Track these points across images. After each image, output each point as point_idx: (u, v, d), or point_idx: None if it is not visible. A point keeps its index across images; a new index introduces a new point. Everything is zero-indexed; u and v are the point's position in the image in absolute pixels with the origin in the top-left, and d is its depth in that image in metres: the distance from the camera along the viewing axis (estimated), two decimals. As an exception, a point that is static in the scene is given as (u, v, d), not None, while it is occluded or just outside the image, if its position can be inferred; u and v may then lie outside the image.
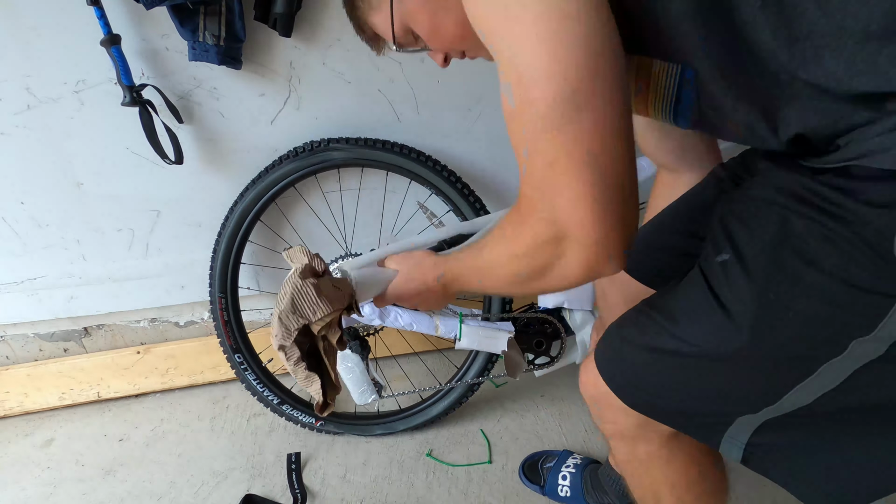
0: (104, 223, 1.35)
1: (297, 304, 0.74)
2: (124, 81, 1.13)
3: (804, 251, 0.50)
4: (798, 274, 0.50)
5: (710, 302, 0.57)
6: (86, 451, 1.38)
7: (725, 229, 0.58)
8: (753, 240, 0.54)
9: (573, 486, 1.18)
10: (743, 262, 0.55)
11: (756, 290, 0.53)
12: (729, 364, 0.58)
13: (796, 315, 0.51)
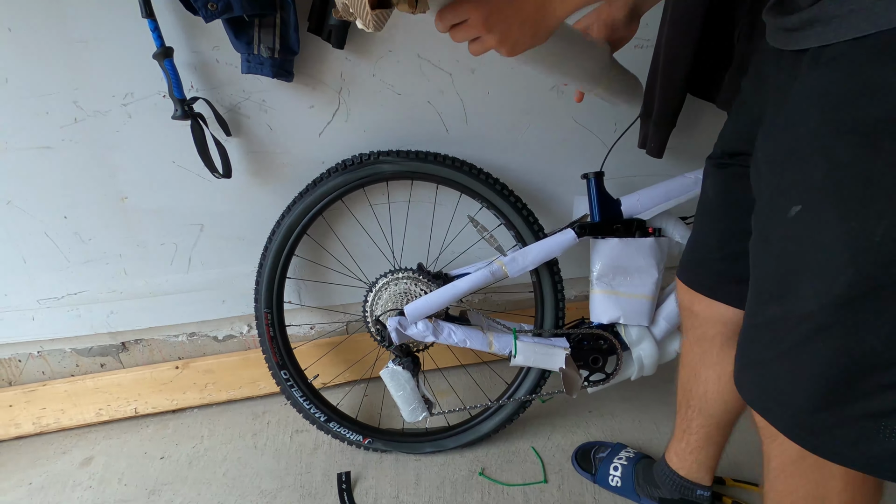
0: (147, 237, 1.32)
1: None
2: (176, 94, 1.11)
3: (861, 173, 0.49)
4: (866, 197, 0.49)
5: (805, 254, 0.55)
6: (127, 470, 1.35)
7: (782, 184, 0.58)
8: (810, 183, 0.53)
9: (624, 477, 1.18)
10: (813, 208, 0.53)
11: (838, 226, 0.51)
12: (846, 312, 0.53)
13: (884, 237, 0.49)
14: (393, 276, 1.25)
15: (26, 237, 1.28)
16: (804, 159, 0.54)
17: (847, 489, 0.67)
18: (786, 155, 0.57)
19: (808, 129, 0.53)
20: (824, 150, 0.51)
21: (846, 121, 0.49)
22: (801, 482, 0.70)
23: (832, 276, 0.53)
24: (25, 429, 1.48)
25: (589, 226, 1.18)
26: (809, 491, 0.69)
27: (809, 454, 0.65)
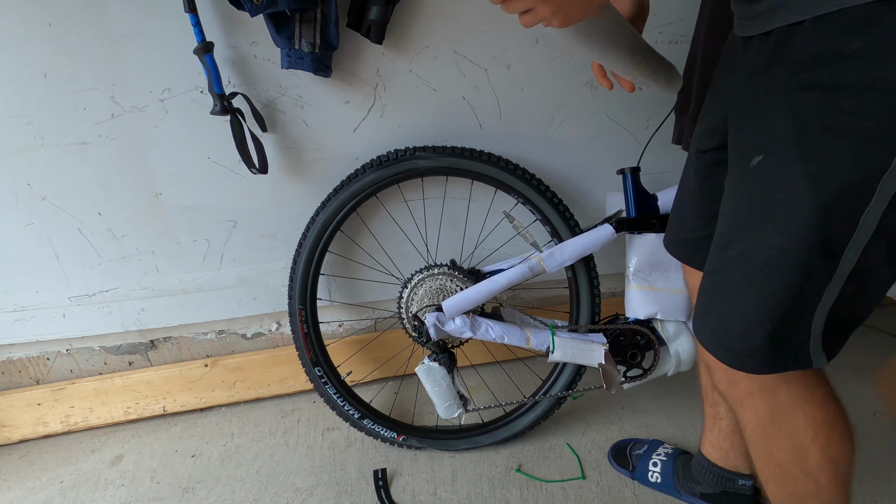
0: (180, 234, 1.32)
1: None
2: (216, 90, 1.11)
3: (821, 125, 0.57)
4: (825, 144, 0.57)
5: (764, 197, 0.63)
6: (159, 468, 1.34)
7: (744, 141, 0.66)
8: (775, 136, 0.61)
9: (664, 473, 1.18)
10: (776, 156, 0.61)
11: (800, 168, 0.59)
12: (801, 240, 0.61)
13: (836, 174, 0.57)
14: (429, 272, 1.25)
15: (60, 234, 1.28)
16: (769, 117, 0.62)
17: (819, 435, 0.73)
18: (751, 117, 0.65)
19: (774, 90, 0.61)
20: (790, 105, 0.59)
21: (811, 81, 0.57)
22: (778, 439, 0.76)
23: (792, 211, 0.60)
24: (54, 427, 1.47)
25: (626, 221, 1.18)
26: (788, 444, 0.75)
27: (775, 410, 0.73)
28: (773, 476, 0.79)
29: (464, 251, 1.42)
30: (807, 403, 0.74)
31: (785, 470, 0.77)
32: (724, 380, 0.77)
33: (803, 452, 0.75)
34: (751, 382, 0.74)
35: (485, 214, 1.39)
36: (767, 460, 0.78)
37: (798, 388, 0.73)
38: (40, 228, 1.27)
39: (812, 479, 0.76)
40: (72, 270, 1.33)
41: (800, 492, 0.77)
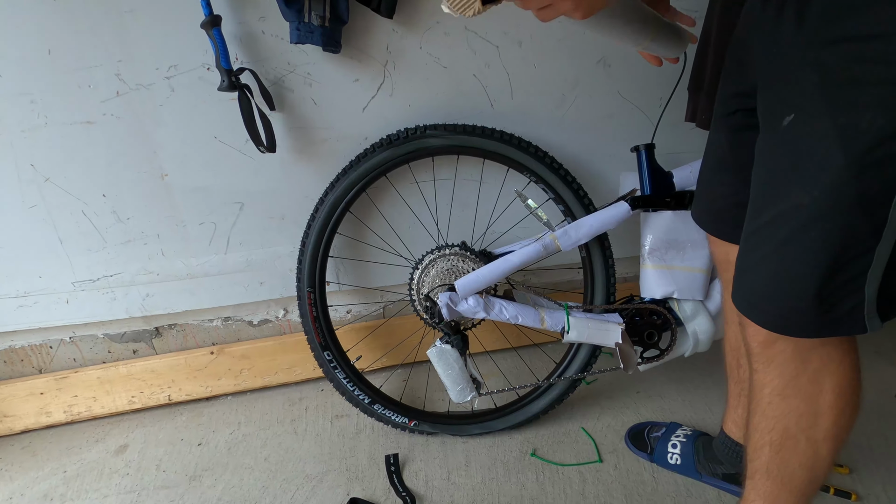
0: (187, 216, 1.30)
1: None
2: (223, 65, 1.09)
3: (847, 77, 0.57)
4: (854, 96, 0.57)
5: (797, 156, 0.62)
6: (165, 457, 1.31)
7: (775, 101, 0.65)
8: (803, 93, 0.61)
9: (684, 455, 1.16)
10: (806, 112, 0.61)
11: (829, 123, 0.58)
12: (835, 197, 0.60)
13: (867, 126, 0.56)
14: (440, 253, 1.22)
15: (64, 216, 1.25)
16: (795, 74, 0.61)
17: (838, 401, 0.73)
18: (778, 76, 0.64)
19: (798, 46, 0.60)
20: (815, 61, 0.59)
21: (835, 34, 0.57)
22: (796, 401, 0.74)
23: (824, 167, 0.59)
24: (57, 417, 1.44)
25: (642, 198, 1.15)
26: (804, 408, 0.74)
27: (804, 371, 0.72)
28: (772, 441, 0.77)
29: (475, 233, 1.40)
30: (836, 368, 0.72)
31: (789, 435, 0.76)
32: (759, 337, 0.75)
33: (817, 418, 0.74)
34: (787, 343, 0.72)
35: (496, 195, 1.37)
36: (774, 423, 0.77)
37: (831, 352, 0.72)
38: (44, 211, 1.24)
39: (813, 448, 0.75)
40: (76, 255, 1.30)
41: (794, 460, 0.76)
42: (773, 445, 0.78)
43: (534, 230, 1.35)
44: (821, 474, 0.78)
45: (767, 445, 0.78)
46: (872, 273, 0.62)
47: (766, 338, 0.74)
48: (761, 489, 0.81)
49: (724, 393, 1.33)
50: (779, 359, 0.74)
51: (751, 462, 0.82)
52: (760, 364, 0.77)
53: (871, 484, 1.09)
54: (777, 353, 0.74)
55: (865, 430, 1.21)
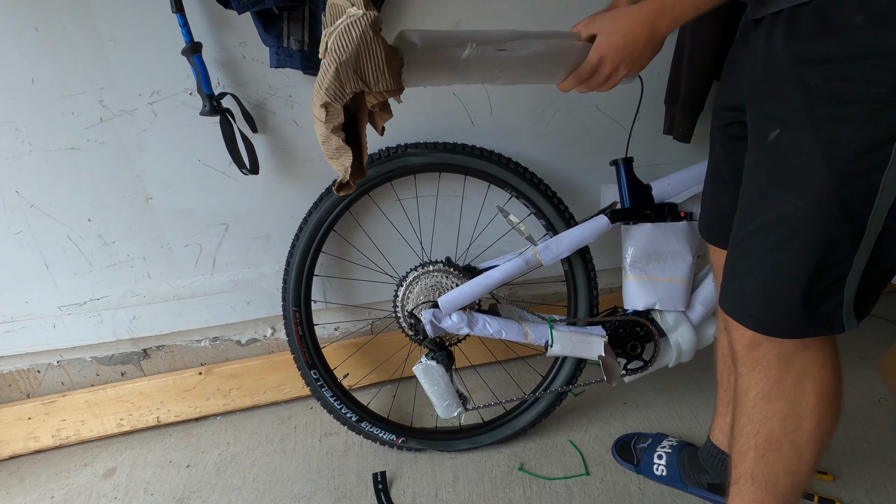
0: (172, 238, 1.31)
1: (361, 61, 0.63)
2: (205, 90, 1.11)
3: (829, 95, 0.60)
4: (835, 113, 0.60)
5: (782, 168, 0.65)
6: (153, 480, 1.31)
7: (761, 117, 0.68)
8: (788, 108, 0.64)
9: (669, 466, 1.16)
10: (791, 128, 0.64)
11: (812, 137, 0.62)
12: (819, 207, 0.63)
13: (848, 140, 0.60)
14: (424, 270, 1.23)
15: (49, 242, 1.26)
16: (781, 91, 0.65)
17: (820, 404, 0.76)
18: (765, 92, 0.68)
19: (784, 65, 0.64)
20: (799, 79, 0.62)
21: (817, 55, 0.60)
22: (780, 404, 0.77)
23: (808, 179, 0.63)
24: (45, 442, 1.44)
25: (621, 211, 1.17)
26: (788, 411, 0.77)
27: (788, 374, 0.75)
28: (757, 445, 0.79)
29: (458, 248, 1.41)
30: (818, 372, 0.75)
31: (773, 439, 0.78)
32: (744, 340, 0.78)
33: (800, 421, 0.76)
34: (772, 346, 0.75)
35: (479, 210, 1.39)
36: (759, 427, 0.79)
37: (814, 356, 0.74)
38: (29, 236, 1.25)
39: (797, 451, 0.77)
40: (62, 279, 1.31)
41: (778, 464, 0.78)
42: (758, 449, 0.79)
43: (518, 243, 1.36)
44: (804, 479, 0.80)
45: (752, 449, 0.80)
46: (851, 277, 0.65)
47: (751, 340, 0.76)
48: (746, 495, 0.83)
49: (710, 402, 1.35)
50: (763, 362, 0.77)
51: (735, 467, 0.84)
52: (745, 367, 0.79)
53: (854, 490, 1.09)
54: (761, 355, 0.76)
55: (849, 435, 1.22)
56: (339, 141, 0.68)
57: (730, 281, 0.77)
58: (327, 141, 0.68)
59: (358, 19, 0.64)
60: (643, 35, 0.73)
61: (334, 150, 0.69)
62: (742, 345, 0.78)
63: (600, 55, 0.76)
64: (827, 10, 0.58)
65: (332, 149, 0.69)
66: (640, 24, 0.72)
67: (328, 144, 0.69)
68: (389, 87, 0.66)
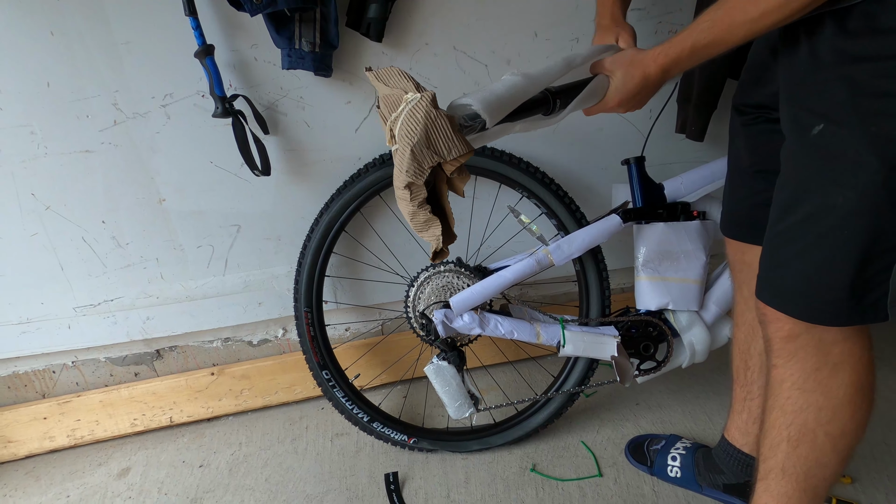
0: (184, 240, 1.31)
1: (431, 138, 0.68)
2: (217, 92, 1.11)
3: (877, 90, 0.62)
4: (883, 107, 0.62)
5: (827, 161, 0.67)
6: (167, 480, 1.32)
7: (802, 113, 0.70)
8: (833, 104, 0.66)
9: (684, 467, 1.15)
10: (836, 122, 0.66)
11: (860, 131, 0.64)
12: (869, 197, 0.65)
13: None
14: (435, 270, 1.23)
15: (65, 243, 1.28)
16: (825, 87, 0.67)
17: (856, 396, 0.75)
18: (808, 89, 0.69)
19: (830, 63, 0.66)
20: (844, 76, 0.64)
21: (863, 53, 0.63)
22: (816, 395, 0.76)
23: (857, 170, 0.64)
24: (60, 442, 1.45)
25: (633, 211, 1.16)
26: (824, 402, 0.76)
27: (825, 365, 0.75)
28: (790, 437, 0.79)
29: (469, 248, 1.41)
30: (855, 362, 0.75)
31: (807, 430, 0.77)
32: (782, 332, 0.77)
33: (835, 412, 0.76)
34: (811, 337, 0.75)
35: (490, 211, 1.38)
36: (793, 418, 0.78)
37: (851, 347, 0.74)
38: (45, 238, 1.26)
39: (831, 443, 0.77)
40: (76, 280, 1.32)
41: (812, 456, 0.78)
42: (791, 441, 0.79)
43: (529, 244, 1.36)
44: (835, 473, 0.80)
45: (785, 441, 0.80)
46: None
47: (790, 332, 0.76)
48: (774, 490, 0.82)
49: (724, 403, 1.33)
50: (801, 353, 0.77)
51: (764, 461, 0.83)
52: (781, 359, 0.79)
53: (873, 493, 1.08)
54: (800, 346, 0.76)
55: (869, 438, 1.19)
56: (426, 214, 0.72)
57: (769, 271, 0.77)
58: (415, 216, 0.73)
59: (418, 101, 0.69)
60: (655, 83, 0.80)
61: (423, 224, 0.73)
62: (780, 336, 0.78)
63: (618, 100, 0.84)
64: (873, 11, 0.61)
65: (421, 222, 0.73)
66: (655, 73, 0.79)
67: (416, 219, 0.73)
68: (462, 152, 0.69)
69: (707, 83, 1.19)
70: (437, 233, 0.73)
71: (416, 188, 0.71)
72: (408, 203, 0.72)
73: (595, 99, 0.86)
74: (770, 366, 0.80)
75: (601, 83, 0.86)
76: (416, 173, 0.68)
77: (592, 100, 0.86)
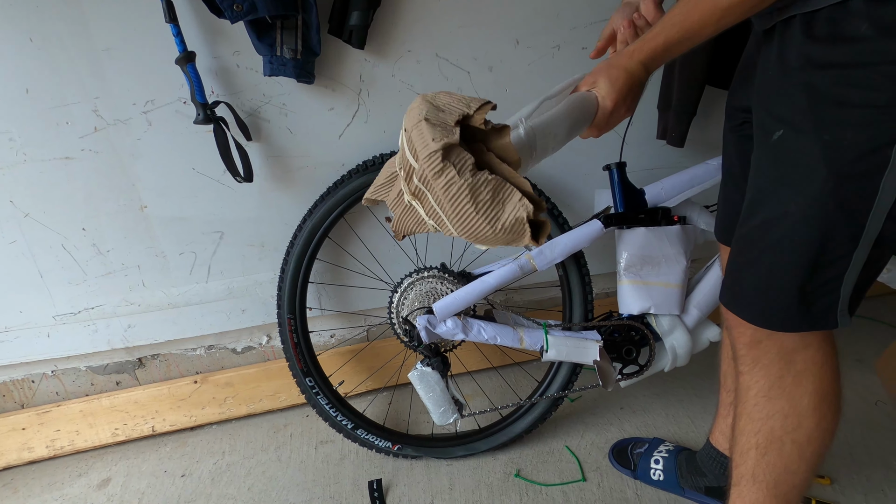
0: (166, 247, 1.31)
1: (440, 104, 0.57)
2: (198, 99, 1.11)
3: (834, 98, 0.62)
4: (838, 116, 0.62)
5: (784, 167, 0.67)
6: (148, 490, 1.30)
7: (767, 118, 0.70)
8: (794, 110, 0.66)
9: (666, 470, 1.16)
10: (795, 128, 0.66)
11: (814, 138, 0.64)
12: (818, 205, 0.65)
13: (849, 143, 0.62)
14: (418, 276, 1.23)
15: (44, 251, 1.26)
16: (789, 93, 0.67)
17: (821, 404, 0.76)
18: (773, 94, 0.70)
19: (795, 68, 0.66)
20: (806, 82, 0.64)
21: (826, 60, 0.63)
22: (781, 402, 0.77)
23: (809, 178, 0.65)
24: (39, 452, 1.43)
25: (615, 216, 1.17)
26: (789, 409, 0.77)
27: (788, 373, 0.76)
28: (758, 444, 0.79)
29: (454, 254, 1.41)
30: (818, 370, 0.76)
31: (775, 437, 0.78)
32: (744, 338, 0.79)
33: (801, 420, 0.76)
34: (772, 343, 0.76)
35: (473, 217, 1.39)
36: (760, 426, 0.79)
37: (814, 355, 0.75)
38: (23, 246, 1.25)
39: (798, 450, 0.77)
40: (56, 288, 1.30)
41: (780, 463, 0.79)
42: (759, 448, 0.80)
43: (512, 249, 1.37)
44: (805, 479, 0.80)
45: (753, 448, 0.80)
46: (848, 275, 0.68)
47: (752, 338, 0.78)
48: (747, 496, 0.83)
49: (707, 406, 1.35)
50: (764, 360, 0.78)
51: (736, 468, 0.84)
52: (746, 366, 0.80)
53: (852, 494, 1.09)
54: (762, 353, 0.77)
55: (847, 439, 1.21)
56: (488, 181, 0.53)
57: (730, 276, 0.78)
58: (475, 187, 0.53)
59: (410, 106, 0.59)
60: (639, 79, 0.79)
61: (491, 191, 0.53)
62: (743, 343, 0.79)
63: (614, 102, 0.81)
64: (836, 18, 0.61)
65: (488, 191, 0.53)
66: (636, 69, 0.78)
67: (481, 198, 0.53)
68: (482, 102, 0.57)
69: (685, 90, 1.21)
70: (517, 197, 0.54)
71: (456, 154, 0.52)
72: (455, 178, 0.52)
73: (588, 118, 0.83)
74: (737, 372, 0.82)
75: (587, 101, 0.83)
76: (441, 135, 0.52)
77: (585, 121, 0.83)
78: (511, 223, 0.54)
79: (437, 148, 0.52)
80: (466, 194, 0.53)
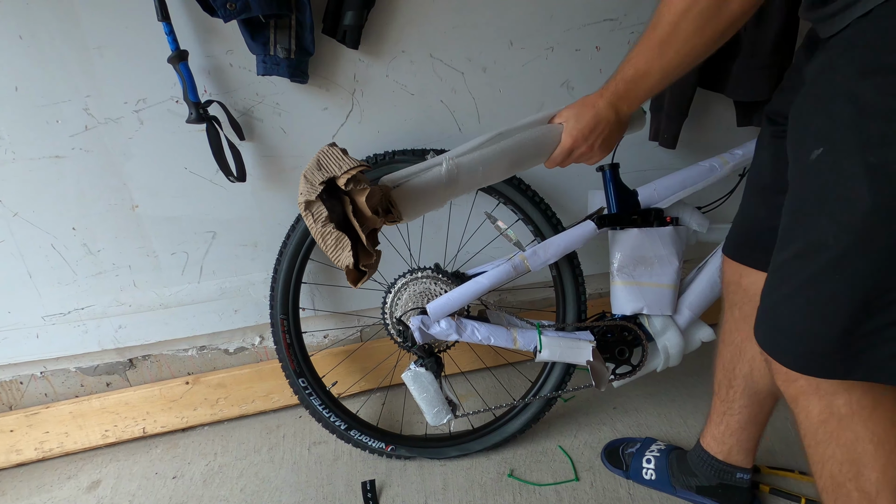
0: (158, 247, 1.30)
1: (322, 162, 0.75)
2: (191, 98, 1.11)
3: (880, 111, 0.54)
4: (885, 132, 0.54)
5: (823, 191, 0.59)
6: (138, 492, 1.29)
7: (805, 133, 0.62)
8: (835, 125, 0.58)
9: (658, 470, 1.16)
10: (835, 145, 0.58)
11: (858, 160, 0.55)
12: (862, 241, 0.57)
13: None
14: (412, 276, 1.23)
15: (33, 251, 1.25)
16: (829, 105, 0.59)
17: (880, 452, 0.67)
18: (812, 105, 0.62)
19: (836, 77, 0.59)
20: (850, 92, 0.56)
21: (871, 66, 0.55)
22: (832, 448, 0.69)
23: (851, 206, 0.56)
24: (27, 455, 1.41)
25: (608, 217, 1.18)
26: (841, 456, 0.69)
27: (832, 417, 0.67)
28: (825, 488, 0.72)
29: (447, 254, 1.41)
30: (869, 414, 0.67)
31: (838, 484, 0.70)
32: (780, 375, 0.72)
33: (859, 469, 0.68)
34: (807, 382, 0.69)
35: (467, 217, 1.39)
36: (819, 469, 0.72)
37: (860, 397, 0.67)
38: (12, 245, 1.23)
39: (867, 499, 0.68)
40: (45, 288, 1.29)
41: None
42: (828, 492, 0.72)
43: (506, 249, 1.37)
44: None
45: (823, 491, 0.73)
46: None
47: (787, 376, 0.71)
48: None
49: (699, 406, 1.36)
50: (801, 400, 0.71)
51: None
52: (790, 403, 0.74)
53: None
54: (799, 393, 0.71)
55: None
56: (333, 231, 0.73)
57: (766, 312, 0.70)
58: (324, 238, 0.75)
59: None
60: (606, 119, 0.79)
61: (333, 244, 0.75)
62: (780, 380, 0.72)
63: (573, 139, 0.83)
64: (884, 17, 0.54)
65: (332, 243, 0.75)
66: (603, 109, 0.78)
67: (327, 241, 0.75)
68: (352, 166, 0.73)
69: (677, 92, 1.22)
70: (348, 252, 0.74)
71: (315, 207, 0.73)
72: (313, 225, 0.74)
73: (546, 151, 0.87)
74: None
75: (549, 135, 0.87)
76: (308, 192, 0.72)
77: (541, 154, 0.88)
78: (343, 266, 0.76)
79: (301, 200, 0.73)
80: (319, 237, 0.75)
